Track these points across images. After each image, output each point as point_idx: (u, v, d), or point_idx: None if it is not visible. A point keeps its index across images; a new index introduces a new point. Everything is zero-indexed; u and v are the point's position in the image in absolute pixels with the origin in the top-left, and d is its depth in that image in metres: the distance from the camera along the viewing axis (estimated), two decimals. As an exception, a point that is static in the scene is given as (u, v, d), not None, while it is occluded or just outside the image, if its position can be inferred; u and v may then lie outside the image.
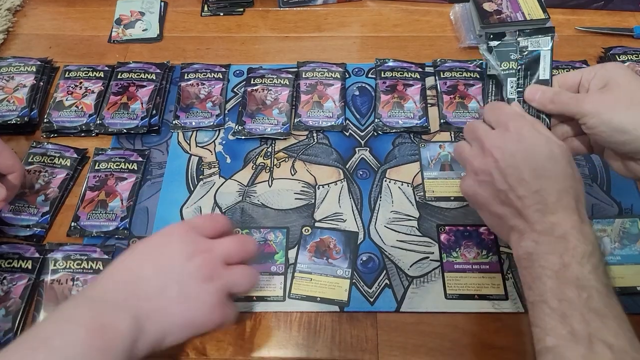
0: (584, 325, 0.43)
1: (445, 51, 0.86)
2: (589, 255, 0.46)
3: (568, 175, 0.49)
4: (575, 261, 0.45)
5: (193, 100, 0.79)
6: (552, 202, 0.48)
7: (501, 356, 0.57)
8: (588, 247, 0.46)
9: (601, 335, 0.42)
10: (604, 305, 0.44)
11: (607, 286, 0.45)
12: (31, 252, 0.63)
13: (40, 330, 0.43)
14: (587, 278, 0.45)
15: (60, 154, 0.72)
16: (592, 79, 0.53)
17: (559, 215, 0.47)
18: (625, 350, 0.41)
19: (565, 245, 0.46)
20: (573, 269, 0.45)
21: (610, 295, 0.45)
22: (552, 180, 0.48)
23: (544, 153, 0.49)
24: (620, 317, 0.43)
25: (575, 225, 0.47)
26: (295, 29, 0.90)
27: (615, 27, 0.88)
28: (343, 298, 0.61)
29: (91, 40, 0.89)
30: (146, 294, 0.45)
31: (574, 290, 0.44)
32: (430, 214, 0.68)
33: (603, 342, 0.41)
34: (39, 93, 0.78)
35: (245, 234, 0.65)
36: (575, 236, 0.46)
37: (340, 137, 0.75)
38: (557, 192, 0.48)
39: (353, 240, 0.65)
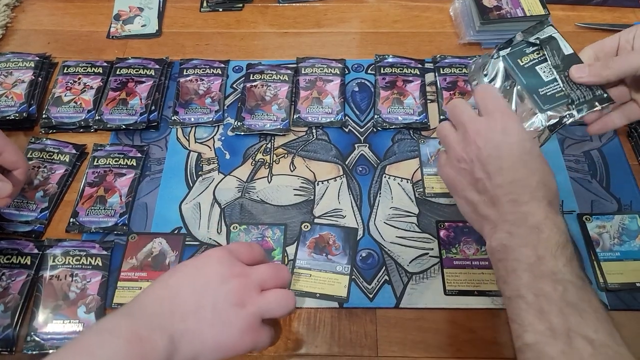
0: (562, 320, 0.42)
1: (445, 47, 0.85)
2: (562, 247, 0.46)
3: (544, 171, 0.49)
4: (550, 254, 0.45)
5: (192, 96, 0.79)
6: (527, 192, 0.48)
7: (500, 352, 0.57)
8: (561, 237, 0.46)
9: (580, 330, 0.41)
10: (580, 299, 0.43)
11: (581, 279, 0.45)
12: (30, 248, 0.63)
13: (82, 340, 0.44)
14: (562, 271, 0.44)
15: (59, 149, 0.72)
16: (634, 39, 0.53)
17: (532, 205, 0.47)
18: (607, 344, 0.41)
19: (538, 235, 0.46)
20: (548, 263, 0.45)
21: (585, 288, 0.44)
22: (529, 172, 0.48)
23: (526, 148, 0.49)
24: (597, 310, 0.43)
25: (548, 216, 0.47)
26: (295, 25, 0.89)
27: (615, 24, 0.87)
28: (342, 294, 0.61)
29: (90, 36, 0.88)
30: (182, 314, 0.46)
31: (550, 284, 0.44)
32: (429, 210, 0.68)
33: (583, 337, 0.41)
34: (38, 89, 0.78)
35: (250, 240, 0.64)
36: (549, 226, 0.46)
37: (340, 133, 0.75)
38: (535, 182, 0.48)
39: (352, 236, 0.65)
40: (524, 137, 0.50)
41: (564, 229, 0.47)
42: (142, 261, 0.64)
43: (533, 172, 0.49)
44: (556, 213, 0.48)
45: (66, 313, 0.59)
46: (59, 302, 0.60)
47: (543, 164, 0.49)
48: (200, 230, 0.67)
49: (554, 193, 0.49)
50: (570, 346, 0.41)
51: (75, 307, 0.60)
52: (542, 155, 0.50)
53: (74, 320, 0.59)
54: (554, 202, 0.49)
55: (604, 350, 0.40)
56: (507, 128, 0.50)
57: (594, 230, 0.65)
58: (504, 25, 0.83)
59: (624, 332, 0.56)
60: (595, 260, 0.62)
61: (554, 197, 0.49)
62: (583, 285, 0.44)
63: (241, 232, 0.66)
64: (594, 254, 0.63)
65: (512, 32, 0.82)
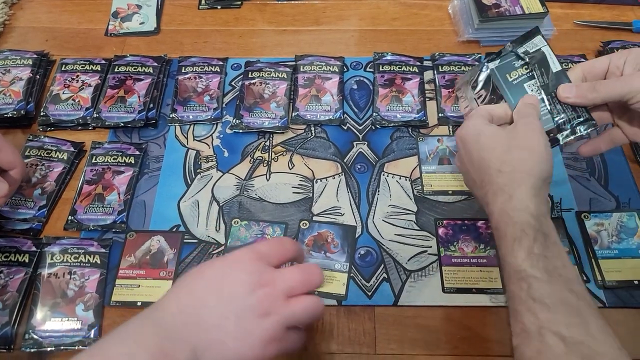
0: (532, 319, 0.42)
1: (444, 45, 0.85)
2: (520, 240, 0.45)
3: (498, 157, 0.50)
4: (509, 252, 0.45)
5: (190, 93, 0.78)
6: (487, 191, 0.50)
7: (498, 350, 0.57)
8: (516, 229, 0.46)
9: (551, 327, 0.41)
10: (547, 293, 0.42)
11: (546, 270, 0.44)
12: (28, 246, 0.63)
13: (107, 347, 0.43)
14: (522, 268, 0.44)
15: (57, 147, 0.72)
16: (624, 64, 0.53)
17: (492, 202, 0.49)
18: (581, 341, 0.40)
19: (498, 234, 0.47)
20: (510, 262, 0.45)
21: (551, 281, 0.43)
22: (488, 171, 0.50)
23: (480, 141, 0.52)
24: (567, 303, 0.42)
25: (502, 208, 0.47)
26: (293, 23, 0.89)
27: (614, 21, 0.87)
28: (341, 292, 0.61)
29: (88, 34, 0.88)
30: (206, 325, 0.45)
31: (516, 283, 0.44)
32: (428, 208, 0.68)
33: (554, 334, 0.41)
34: (36, 86, 0.78)
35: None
36: (504, 220, 0.47)
37: (338, 131, 0.75)
38: (489, 177, 0.50)
39: (351, 234, 0.65)
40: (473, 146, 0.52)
41: (518, 216, 0.46)
42: (140, 259, 0.64)
43: (490, 170, 0.50)
44: (509, 198, 0.47)
45: (64, 311, 0.59)
46: (57, 299, 0.60)
47: (500, 154, 0.50)
48: (199, 228, 0.66)
49: (512, 174, 0.49)
50: (543, 344, 0.41)
51: (74, 304, 0.60)
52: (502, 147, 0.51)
53: (72, 317, 0.59)
54: (509, 185, 0.48)
55: (577, 348, 0.40)
56: (463, 139, 0.54)
57: (592, 228, 0.65)
58: (502, 22, 0.82)
59: (621, 330, 0.57)
60: (594, 257, 0.63)
61: (511, 179, 0.48)
62: (549, 278, 0.43)
63: (242, 227, 0.66)
64: (592, 251, 0.63)
65: (511, 29, 0.83)
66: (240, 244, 0.64)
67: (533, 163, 0.49)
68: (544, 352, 0.40)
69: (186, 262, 0.64)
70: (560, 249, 0.46)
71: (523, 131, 0.51)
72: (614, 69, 0.54)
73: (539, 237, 0.45)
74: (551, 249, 0.45)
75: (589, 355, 0.39)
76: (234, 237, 0.65)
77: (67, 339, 0.58)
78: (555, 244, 0.46)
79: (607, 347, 0.40)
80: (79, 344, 0.58)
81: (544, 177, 0.49)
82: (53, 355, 0.58)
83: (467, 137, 0.54)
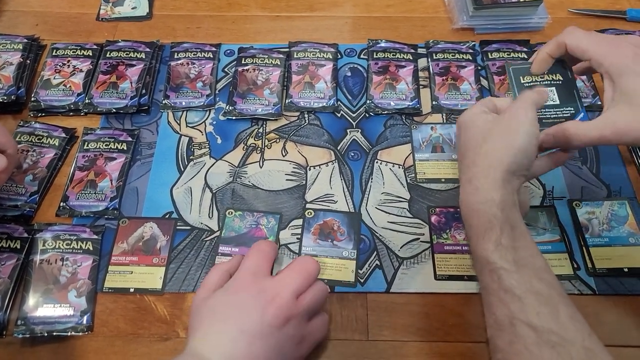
0: (504, 310, 0.42)
1: (438, 32, 0.85)
2: (487, 232, 0.45)
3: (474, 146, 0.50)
4: (478, 244, 0.46)
5: (183, 79, 0.78)
6: (461, 182, 0.50)
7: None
8: (482, 221, 0.46)
9: (522, 317, 0.41)
10: (517, 283, 0.43)
11: (514, 261, 0.44)
12: (20, 232, 0.63)
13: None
14: (491, 259, 0.45)
15: (49, 133, 0.71)
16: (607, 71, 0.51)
17: (462, 192, 0.49)
18: (550, 330, 0.41)
19: (468, 226, 0.47)
20: (480, 252, 0.46)
21: (520, 271, 0.43)
22: (464, 161, 0.51)
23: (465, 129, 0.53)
24: (536, 292, 0.42)
25: (470, 200, 0.48)
26: (287, 9, 0.89)
27: (608, 10, 0.87)
28: (350, 279, 0.61)
29: (79, 18, 0.87)
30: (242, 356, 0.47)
31: (488, 275, 0.45)
32: (421, 195, 0.68)
33: (525, 324, 0.41)
34: (26, 71, 0.77)
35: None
36: (471, 213, 0.47)
37: (332, 118, 0.75)
38: (466, 164, 0.50)
39: (356, 221, 0.65)
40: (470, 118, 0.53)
41: (484, 209, 0.46)
42: (133, 245, 0.64)
43: (466, 160, 0.50)
44: (476, 190, 0.47)
45: (57, 297, 0.59)
46: (49, 286, 0.60)
47: (477, 145, 0.50)
48: (192, 215, 0.66)
49: (482, 166, 0.48)
50: (514, 335, 0.41)
51: (66, 291, 0.60)
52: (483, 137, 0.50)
53: (65, 304, 0.59)
54: (477, 177, 0.48)
55: (547, 336, 0.40)
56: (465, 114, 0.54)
57: (583, 216, 0.65)
58: (497, 10, 0.82)
59: (611, 317, 0.58)
60: (584, 245, 0.63)
61: (480, 170, 0.48)
62: (517, 269, 0.44)
63: (236, 217, 0.66)
64: (583, 239, 0.63)
65: (506, 17, 0.83)
66: (234, 234, 0.64)
67: (504, 154, 0.48)
68: (516, 343, 0.41)
69: (179, 249, 0.64)
70: (528, 239, 0.46)
71: (507, 119, 0.50)
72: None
73: (506, 228, 0.45)
74: (519, 239, 0.46)
75: (558, 343, 0.40)
76: (229, 227, 0.65)
77: (60, 325, 0.58)
78: (523, 234, 0.46)
79: (576, 334, 0.41)
80: (71, 330, 0.58)
81: (514, 169, 0.48)
82: (45, 341, 0.58)
83: (461, 124, 0.54)
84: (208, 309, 0.50)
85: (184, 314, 0.60)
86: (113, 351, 0.57)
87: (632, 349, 0.56)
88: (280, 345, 0.48)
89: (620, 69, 0.49)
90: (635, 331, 0.58)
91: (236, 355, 0.46)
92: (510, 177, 0.48)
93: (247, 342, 0.47)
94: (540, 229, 0.64)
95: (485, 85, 0.78)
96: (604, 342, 0.41)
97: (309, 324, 0.52)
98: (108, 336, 0.58)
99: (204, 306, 0.50)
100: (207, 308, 0.50)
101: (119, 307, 0.60)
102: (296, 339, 0.50)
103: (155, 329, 0.59)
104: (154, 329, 0.59)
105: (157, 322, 0.59)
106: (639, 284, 0.61)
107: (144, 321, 0.59)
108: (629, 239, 0.63)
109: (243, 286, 0.51)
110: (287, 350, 0.49)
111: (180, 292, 0.61)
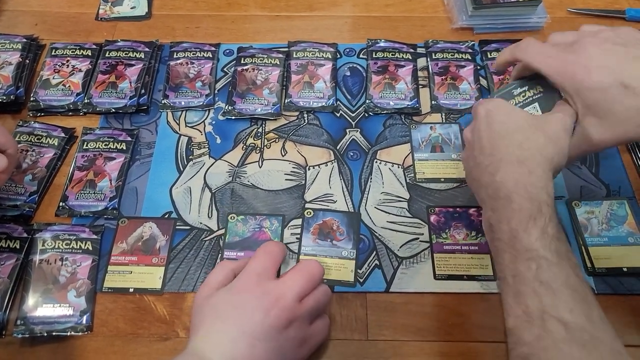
0: (536, 301, 0.41)
1: (437, 32, 0.85)
2: (535, 218, 0.44)
3: (524, 135, 0.49)
4: (522, 228, 0.44)
5: (182, 79, 0.78)
6: (500, 160, 0.48)
7: (489, 336, 0.58)
8: (533, 206, 0.45)
9: (554, 312, 0.40)
10: (555, 277, 0.42)
11: (557, 253, 0.43)
12: (19, 232, 0.63)
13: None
14: (534, 247, 0.43)
15: (48, 133, 0.71)
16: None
17: (504, 171, 0.47)
18: (582, 327, 0.39)
19: (511, 207, 0.46)
20: (521, 239, 0.44)
21: (561, 264, 0.42)
22: (504, 143, 0.49)
23: (504, 124, 0.50)
24: (574, 289, 0.41)
25: (519, 180, 0.46)
26: (287, 8, 0.89)
27: (607, 9, 0.87)
28: (349, 279, 0.61)
29: (78, 18, 0.87)
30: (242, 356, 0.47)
31: (524, 263, 0.43)
32: (420, 195, 0.68)
33: (557, 319, 0.40)
34: (25, 71, 0.77)
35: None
36: (520, 193, 0.46)
37: (331, 118, 0.75)
38: (507, 147, 0.48)
39: (355, 221, 0.65)
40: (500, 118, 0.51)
41: (537, 193, 0.46)
42: (132, 245, 0.63)
43: (509, 142, 0.49)
44: (529, 173, 0.47)
45: (56, 297, 0.59)
46: (48, 286, 0.60)
47: (525, 132, 0.49)
48: (191, 215, 0.66)
49: (533, 152, 0.48)
50: (544, 329, 0.40)
51: (66, 291, 0.60)
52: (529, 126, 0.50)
53: (64, 304, 0.59)
54: (530, 161, 0.47)
55: (578, 334, 0.39)
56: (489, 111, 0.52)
57: (582, 216, 0.65)
58: (496, 10, 0.82)
59: (610, 316, 0.57)
60: (584, 245, 0.63)
61: (532, 155, 0.48)
62: (558, 260, 0.43)
63: (239, 222, 0.65)
64: (582, 239, 0.64)
65: (505, 17, 0.83)
66: (238, 239, 0.64)
67: (554, 152, 0.48)
68: (544, 338, 0.40)
69: (178, 248, 0.64)
70: (564, 235, 0.46)
71: (553, 122, 0.50)
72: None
73: (554, 218, 0.45)
74: (561, 232, 0.45)
75: (589, 342, 0.39)
76: (232, 232, 0.65)
77: (59, 325, 0.58)
78: (562, 229, 0.46)
79: (607, 335, 0.40)
80: (70, 330, 0.58)
81: (556, 169, 0.49)
82: (44, 341, 0.58)
83: (494, 110, 0.52)
84: (210, 308, 0.50)
85: (183, 313, 0.60)
86: (112, 351, 0.57)
87: (631, 348, 0.56)
88: (282, 347, 0.48)
89: (574, 87, 0.49)
90: (635, 331, 0.58)
91: (237, 356, 0.46)
92: (553, 175, 0.48)
93: (248, 343, 0.47)
94: (539, 229, 0.64)
95: (484, 84, 0.78)
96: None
97: (311, 327, 0.52)
98: (107, 336, 0.58)
99: (206, 304, 0.50)
100: (210, 307, 0.50)
101: (118, 307, 0.60)
102: (297, 341, 0.50)
103: (155, 328, 0.59)
104: (153, 329, 0.59)
105: (157, 322, 0.59)
106: (638, 284, 0.61)
107: (144, 321, 0.59)
108: (628, 239, 0.64)
109: (247, 287, 0.51)
110: (288, 352, 0.49)
111: (180, 292, 0.61)
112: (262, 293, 0.50)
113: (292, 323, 0.49)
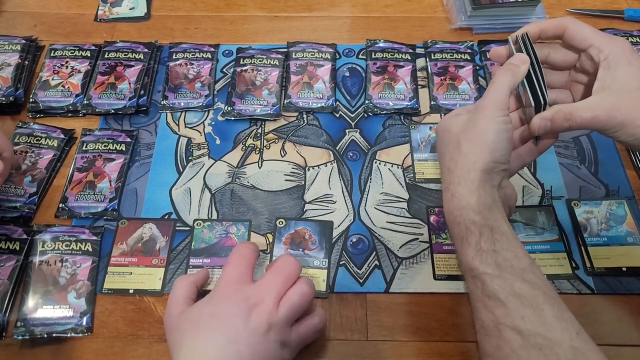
0: (490, 315, 0.43)
1: (436, 32, 0.85)
2: (466, 238, 0.45)
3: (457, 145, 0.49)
4: (459, 250, 0.46)
5: (182, 80, 0.78)
6: (445, 177, 0.50)
7: (488, 336, 0.58)
8: (460, 228, 0.46)
9: (508, 321, 0.41)
10: (500, 288, 0.43)
11: (496, 265, 0.44)
12: (19, 234, 0.63)
13: None
14: (474, 265, 0.44)
15: (47, 134, 0.71)
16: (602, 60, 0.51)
17: (443, 198, 0.49)
18: (536, 332, 0.40)
19: (450, 231, 0.48)
20: (462, 260, 0.46)
21: (502, 276, 0.43)
22: (441, 168, 0.51)
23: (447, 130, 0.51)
24: (520, 295, 0.42)
25: (447, 207, 0.48)
26: (285, 9, 0.89)
27: (606, 9, 0.88)
28: (321, 289, 0.61)
29: (77, 19, 0.87)
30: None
31: (471, 281, 0.45)
32: (420, 195, 0.68)
33: (511, 328, 0.41)
34: (24, 72, 0.77)
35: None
36: (449, 219, 0.48)
37: (331, 118, 0.75)
38: (442, 175, 0.50)
39: (328, 229, 0.65)
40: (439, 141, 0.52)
41: (460, 214, 0.46)
42: (132, 246, 0.63)
43: (442, 167, 0.50)
44: (451, 197, 0.47)
45: (56, 298, 0.59)
46: (48, 287, 0.60)
47: (451, 152, 0.49)
48: (191, 216, 0.66)
49: (457, 172, 0.48)
50: (501, 339, 0.42)
51: (65, 292, 0.60)
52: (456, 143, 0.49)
53: (64, 305, 0.59)
54: (453, 184, 0.48)
55: (533, 339, 0.40)
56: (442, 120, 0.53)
57: (582, 216, 0.65)
58: (495, 10, 0.82)
59: (609, 316, 0.58)
60: (583, 245, 0.63)
61: (455, 177, 0.48)
62: (500, 273, 0.43)
63: (205, 228, 0.65)
64: (581, 239, 0.64)
65: (504, 17, 0.83)
66: (205, 245, 0.64)
67: (477, 154, 0.47)
68: (503, 347, 0.41)
69: (178, 249, 0.64)
70: (510, 239, 0.45)
71: (476, 117, 0.49)
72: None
73: (485, 231, 0.45)
74: (500, 241, 0.45)
75: (545, 345, 0.40)
76: (198, 239, 0.64)
77: (59, 326, 0.58)
78: (504, 234, 0.45)
79: (563, 334, 0.41)
80: (70, 331, 0.58)
81: (490, 167, 0.47)
82: (44, 342, 0.58)
83: (437, 132, 0.53)
84: (189, 323, 0.50)
85: (183, 314, 0.60)
86: (112, 352, 0.57)
87: (630, 348, 0.57)
88: (266, 350, 0.48)
89: (618, 57, 0.50)
90: (634, 330, 0.58)
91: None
92: (487, 176, 0.47)
93: (235, 349, 0.47)
94: (538, 229, 0.65)
95: (483, 85, 0.78)
96: (603, 341, 0.42)
97: (293, 328, 0.52)
98: (107, 337, 0.58)
99: (183, 321, 0.50)
100: (188, 322, 0.50)
101: (118, 308, 0.60)
102: (279, 343, 0.50)
103: (155, 330, 0.59)
104: (153, 330, 0.59)
105: (157, 323, 0.59)
106: (637, 283, 0.61)
107: (144, 322, 0.59)
108: (627, 238, 0.64)
109: (225, 296, 0.51)
110: (273, 355, 0.49)
111: (180, 293, 0.61)
112: (241, 299, 0.50)
113: (272, 327, 0.49)
